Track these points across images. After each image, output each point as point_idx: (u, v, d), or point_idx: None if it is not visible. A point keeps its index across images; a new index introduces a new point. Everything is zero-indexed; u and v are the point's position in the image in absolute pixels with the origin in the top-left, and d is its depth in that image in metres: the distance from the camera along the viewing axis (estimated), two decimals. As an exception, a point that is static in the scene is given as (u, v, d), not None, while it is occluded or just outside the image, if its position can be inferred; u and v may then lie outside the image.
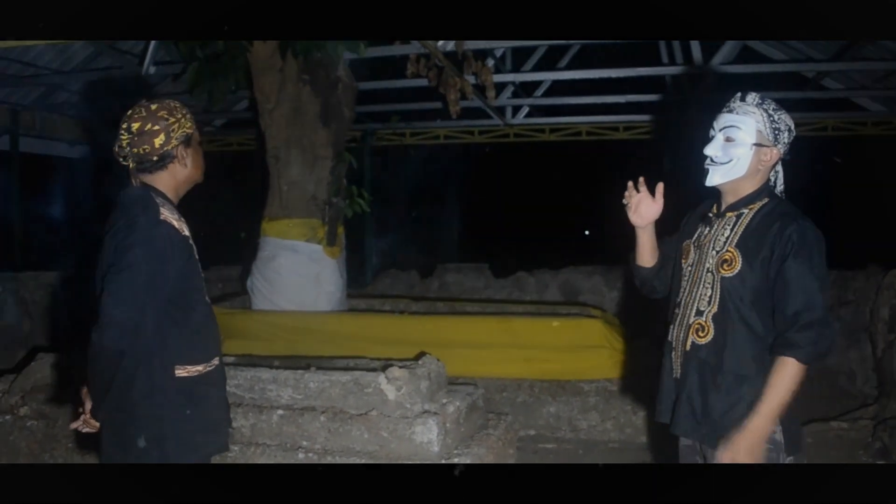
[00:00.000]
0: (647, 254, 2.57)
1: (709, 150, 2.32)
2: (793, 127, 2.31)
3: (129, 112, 2.28)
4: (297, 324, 5.60)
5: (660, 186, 2.46)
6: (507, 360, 5.34)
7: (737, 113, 2.29)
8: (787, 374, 2.10)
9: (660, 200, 2.46)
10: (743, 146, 2.26)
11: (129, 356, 2.09)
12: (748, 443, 2.12)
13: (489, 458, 3.81)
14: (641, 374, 5.03)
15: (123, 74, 7.78)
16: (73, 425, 2.28)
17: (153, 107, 2.27)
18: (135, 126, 2.25)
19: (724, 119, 2.31)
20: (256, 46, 5.70)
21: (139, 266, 2.08)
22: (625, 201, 2.49)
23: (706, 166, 2.33)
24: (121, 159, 2.30)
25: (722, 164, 2.29)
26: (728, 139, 2.28)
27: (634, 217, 2.48)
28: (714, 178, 2.32)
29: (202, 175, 2.42)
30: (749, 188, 2.31)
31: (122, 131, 2.26)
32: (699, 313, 2.30)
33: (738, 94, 2.33)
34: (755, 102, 2.28)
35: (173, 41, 6.00)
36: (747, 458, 2.12)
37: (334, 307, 6.02)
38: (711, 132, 2.34)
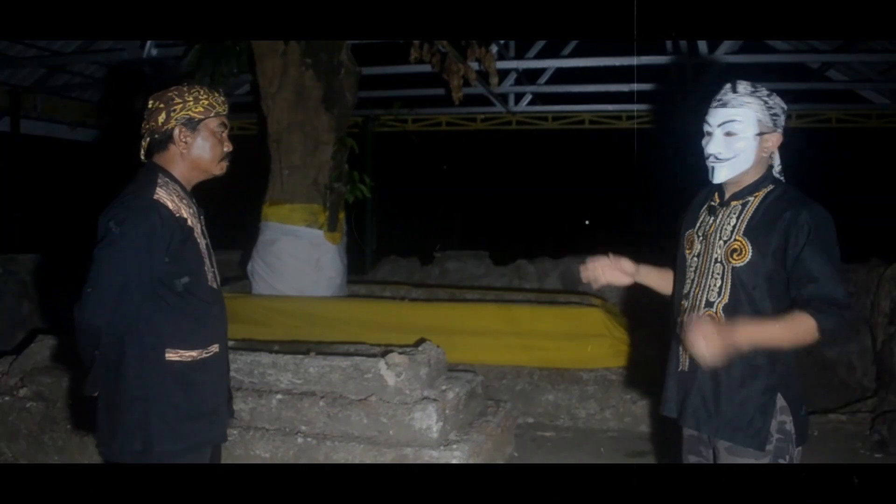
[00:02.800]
0: (660, 286, 2.58)
1: (711, 149, 2.25)
2: (785, 107, 2.27)
3: None
4: (297, 309, 5.60)
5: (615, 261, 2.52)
6: (506, 347, 5.34)
7: (732, 106, 2.22)
8: (800, 327, 2.05)
9: (617, 265, 2.51)
10: (745, 139, 2.21)
11: (107, 333, 2.09)
12: (718, 335, 2.02)
13: (488, 445, 3.81)
14: (641, 364, 5.03)
15: (125, 57, 7.74)
16: None
17: (172, 88, 2.29)
18: (150, 104, 2.29)
19: (720, 114, 2.24)
20: (259, 30, 5.68)
21: (124, 243, 2.08)
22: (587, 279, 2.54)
23: (710, 164, 2.27)
24: (141, 137, 2.33)
25: (727, 160, 2.23)
26: (728, 134, 2.22)
27: (609, 280, 2.55)
28: (721, 175, 2.26)
29: (216, 166, 2.35)
30: (753, 176, 2.27)
31: (145, 109, 2.31)
32: (709, 304, 2.26)
33: (728, 86, 2.25)
34: (749, 92, 2.21)
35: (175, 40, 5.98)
36: (704, 341, 2.02)
37: (335, 293, 6.01)
38: (707, 128, 2.27)
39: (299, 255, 5.84)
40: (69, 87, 9.41)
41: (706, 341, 2.00)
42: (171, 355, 2.20)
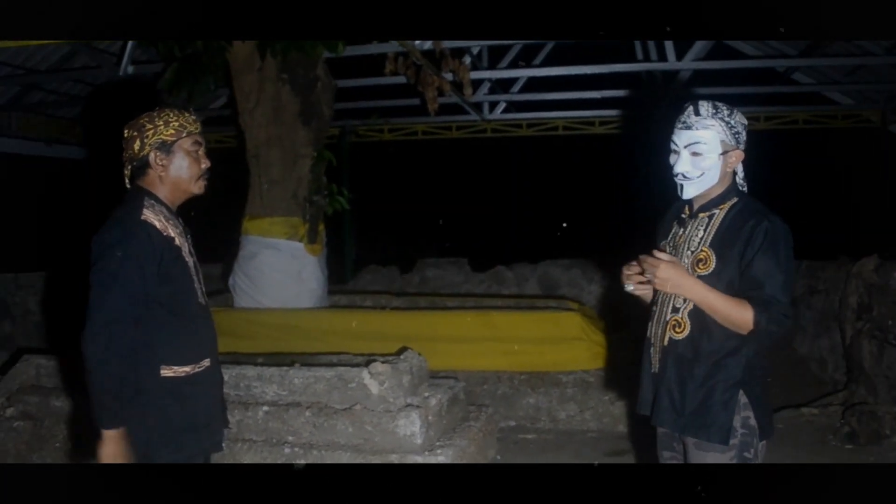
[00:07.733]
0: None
1: (679, 168, 2.37)
2: (745, 122, 2.39)
3: None
4: (279, 321, 5.65)
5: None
6: (487, 353, 5.42)
7: (696, 129, 2.33)
8: (739, 312, 2.20)
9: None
10: (711, 158, 2.33)
11: (115, 360, 2.14)
12: (675, 270, 2.27)
13: (471, 450, 3.90)
14: (618, 366, 5.14)
15: (100, 74, 7.76)
16: None
17: (143, 115, 2.35)
18: (125, 132, 2.36)
19: (685, 136, 2.35)
20: (235, 46, 5.74)
21: (117, 267, 2.15)
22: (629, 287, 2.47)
23: (678, 181, 2.39)
24: (123, 165, 2.39)
25: (695, 178, 2.36)
26: (694, 154, 2.34)
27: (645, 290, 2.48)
28: (689, 192, 2.39)
29: (195, 185, 2.40)
30: (719, 189, 2.39)
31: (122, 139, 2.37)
32: (675, 310, 2.39)
33: (691, 108, 2.36)
34: (710, 114, 2.33)
35: (152, 42, 6.00)
36: (670, 279, 2.26)
37: (316, 304, 6.07)
38: (674, 147, 2.39)
39: (280, 268, 5.90)
40: (44, 104, 9.40)
41: (663, 271, 2.26)
42: (166, 371, 2.28)
